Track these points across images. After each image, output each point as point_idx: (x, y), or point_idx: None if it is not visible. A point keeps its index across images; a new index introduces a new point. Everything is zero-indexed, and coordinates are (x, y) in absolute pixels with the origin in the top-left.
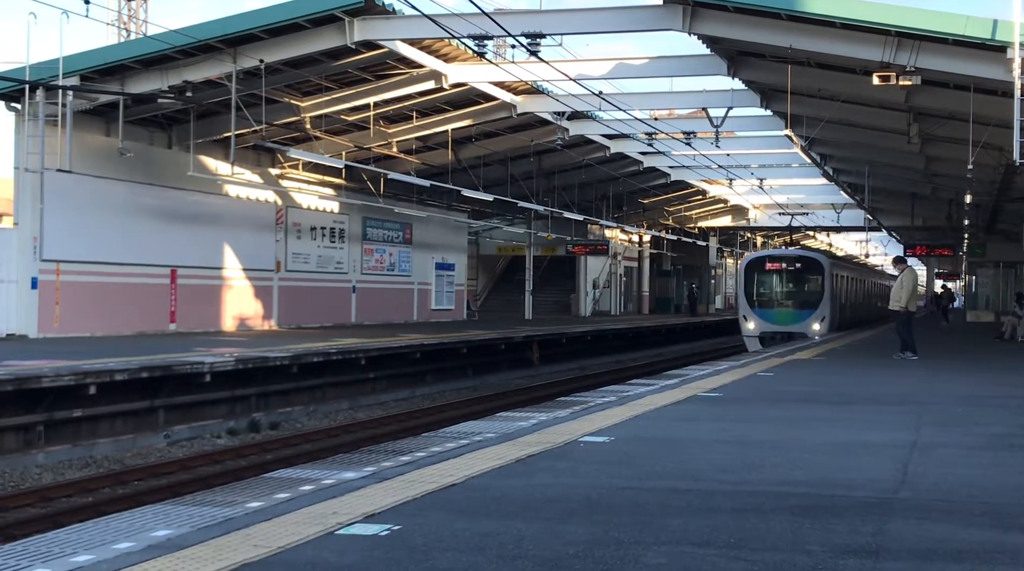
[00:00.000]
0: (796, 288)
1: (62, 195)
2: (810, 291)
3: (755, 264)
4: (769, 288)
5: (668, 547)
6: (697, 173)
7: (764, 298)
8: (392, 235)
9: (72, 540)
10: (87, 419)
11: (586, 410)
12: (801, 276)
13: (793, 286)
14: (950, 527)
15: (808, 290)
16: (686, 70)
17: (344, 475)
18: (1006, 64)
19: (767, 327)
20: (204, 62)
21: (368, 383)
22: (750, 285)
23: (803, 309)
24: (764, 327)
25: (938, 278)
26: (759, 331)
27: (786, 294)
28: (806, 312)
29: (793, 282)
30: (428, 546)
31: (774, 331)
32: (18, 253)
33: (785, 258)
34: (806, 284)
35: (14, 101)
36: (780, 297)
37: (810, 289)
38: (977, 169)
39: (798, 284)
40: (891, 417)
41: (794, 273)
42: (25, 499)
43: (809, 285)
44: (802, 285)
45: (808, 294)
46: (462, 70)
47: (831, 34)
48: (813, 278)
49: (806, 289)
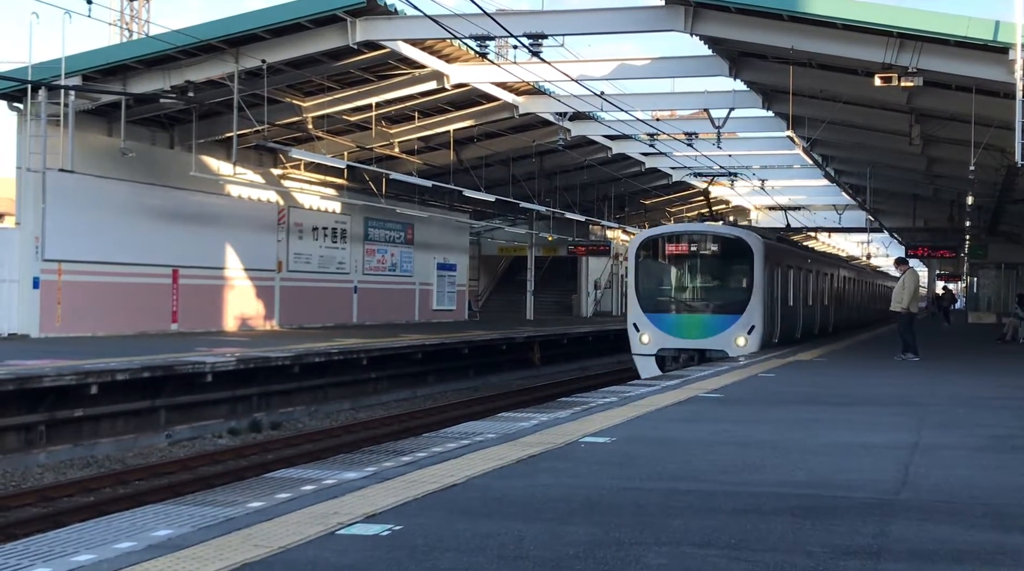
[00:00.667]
0: (711, 283)
1: (64, 195)
2: (732, 287)
3: (649, 246)
4: (670, 283)
5: (669, 548)
6: (698, 174)
7: (662, 298)
8: (394, 235)
9: (73, 540)
10: (88, 419)
11: (587, 411)
12: (719, 265)
13: (706, 280)
14: (951, 528)
15: (729, 286)
16: (688, 71)
17: (345, 475)
18: (1008, 65)
19: (667, 341)
20: (206, 62)
21: (369, 383)
22: (642, 278)
23: (721, 314)
24: (662, 341)
25: (939, 279)
26: (656, 347)
27: (695, 292)
28: (725, 319)
29: (706, 274)
30: (429, 546)
31: (678, 348)
32: (20, 253)
33: (694, 237)
34: (726, 277)
35: (16, 101)
36: (686, 296)
37: (732, 284)
38: (979, 170)
39: (714, 277)
40: (892, 418)
41: (708, 260)
42: (26, 498)
43: (731, 278)
44: (720, 278)
45: (729, 292)
46: (464, 71)
47: (833, 35)
48: (737, 268)
49: (726, 284)
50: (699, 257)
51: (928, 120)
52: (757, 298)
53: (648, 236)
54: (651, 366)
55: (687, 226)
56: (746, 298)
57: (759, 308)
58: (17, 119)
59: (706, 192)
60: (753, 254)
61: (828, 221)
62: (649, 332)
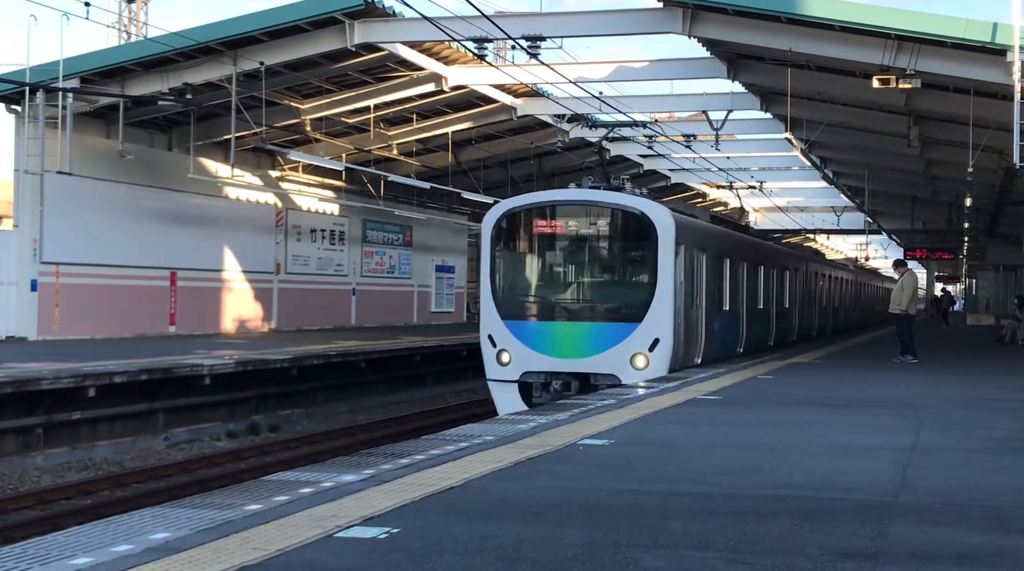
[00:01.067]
0: (597, 277)
1: (62, 197)
2: (628, 283)
3: (509, 223)
4: (539, 277)
5: (667, 550)
6: (697, 176)
7: (528, 298)
8: (392, 237)
9: (71, 543)
10: (86, 421)
11: (585, 413)
12: (609, 250)
13: (591, 272)
14: (950, 530)
15: (624, 281)
16: (686, 73)
17: (343, 478)
18: (1006, 67)
19: (534, 361)
20: (204, 64)
21: (368, 386)
22: (500, 269)
23: (611, 322)
24: (528, 361)
25: (938, 281)
26: (519, 370)
27: (575, 290)
28: (617, 329)
29: (592, 263)
30: (427, 549)
31: (549, 370)
32: (18, 255)
33: (573, 210)
34: (620, 268)
35: (14, 103)
36: (562, 296)
37: (628, 279)
38: (977, 172)
39: (602, 268)
40: (891, 420)
41: (594, 244)
42: (24, 501)
43: (626, 270)
44: (611, 270)
45: (623, 290)
46: (462, 73)
47: (831, 37)
48: (636, 255)
49: (619, 279)
50: (580, 239)
51: (926, 122)
52: (664, 298)
53: (509, 208)
54: (512, 397)
55: (564, 193)
56: (647, 299)
57: (667, 313)
58: (15, 121)
59: (600, 146)
60: (658, 235)
61: (827, 223)
62: (509, 348)
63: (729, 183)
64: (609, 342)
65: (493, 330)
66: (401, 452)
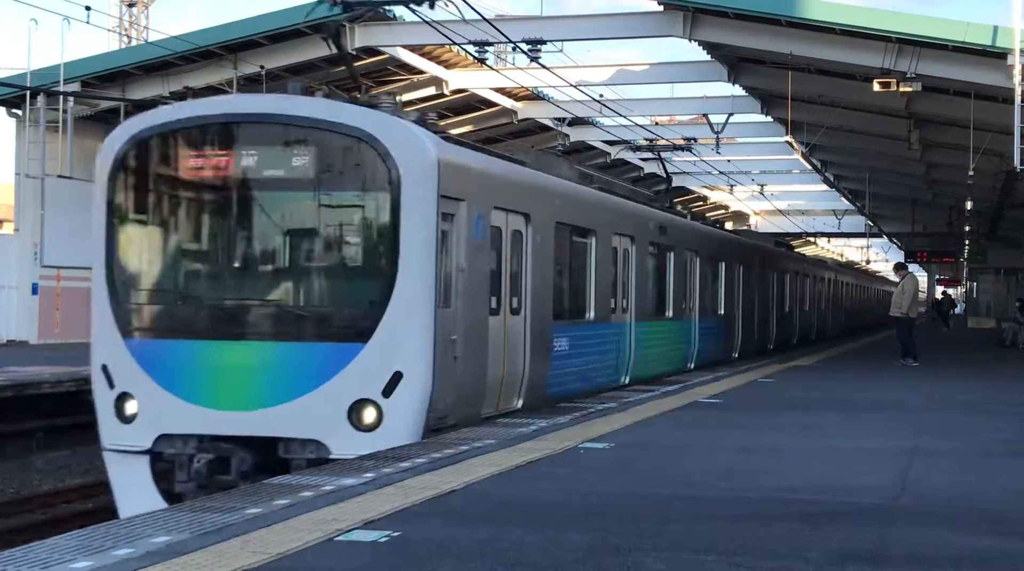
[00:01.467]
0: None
1: (63, 201)
2: (346, 267)
3: (140, 157)
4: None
5: (668, 554)
6: (698, 179)
7: (164, 296)
8: None
9: (72, 546)
10: (87, 425)
11: (586, 416)
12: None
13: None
14: (950, 533)
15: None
16: (687, 76)
17: (344, 481)
18: (1006, 70)
19: (179, 417)
20: (205, 68)
21: None
22: (119, 241)
23: (315, 341)
24: (168, 416)
25: (939, 284)
26: (152, 431)
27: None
28: (325, 354)
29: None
30: (428, 553)
31: (202, 434)
32: (19, 259)
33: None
34: (333, 242)
35: (15, 107)
36: (227, 293)
37: (346, 261)
38: (978, 175)
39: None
40: (892, 424)
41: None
42: (25, 505)
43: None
44: (316, 245)
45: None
46: (463, 76)
47: (831, 40)
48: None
49: (332, 261)
50: (261, 186)
51: (927, 125)
52: (412, 296)
53: (139, 130)
54: (140, 480)
55: (235, 101)
56: (379, 298)
57: (419, 323)
58: (16, 125)
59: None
60: (400, 179)
61: (828, 226)
62: (136, 390)
63: (730, 186)
64: (308, 380)
65: (110, 358)
66: (401, 455)
